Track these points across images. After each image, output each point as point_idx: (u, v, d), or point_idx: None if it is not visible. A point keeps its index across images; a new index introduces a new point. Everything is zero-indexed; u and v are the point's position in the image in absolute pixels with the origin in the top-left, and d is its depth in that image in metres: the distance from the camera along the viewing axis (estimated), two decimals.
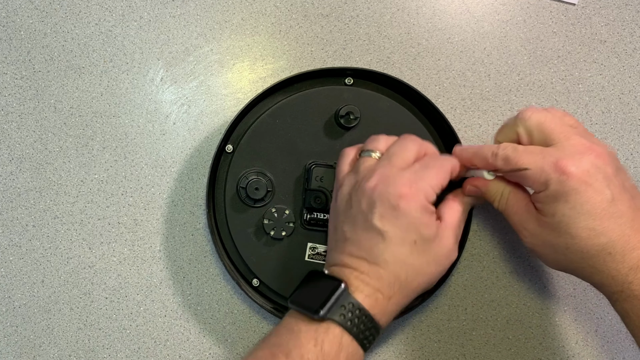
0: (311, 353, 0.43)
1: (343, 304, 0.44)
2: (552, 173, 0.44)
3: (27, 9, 0.59)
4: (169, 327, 0.58)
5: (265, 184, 0.55)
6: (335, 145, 0.56)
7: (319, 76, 0.57)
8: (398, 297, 0.46)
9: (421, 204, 0.46)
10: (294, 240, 0.56)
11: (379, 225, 0.46)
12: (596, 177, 0.44)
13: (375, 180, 0.47)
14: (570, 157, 0.44)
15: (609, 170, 0.45)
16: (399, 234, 0.45)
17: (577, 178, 0.44)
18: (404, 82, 0.56)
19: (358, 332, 0.44)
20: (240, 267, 0.56)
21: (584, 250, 0.45)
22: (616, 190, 0.44)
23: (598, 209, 0.44)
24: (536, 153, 0.46)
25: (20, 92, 0.59)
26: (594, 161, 0.44)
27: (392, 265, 0.46)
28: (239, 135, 0.56)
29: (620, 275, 0.44)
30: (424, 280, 0.48)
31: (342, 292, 0.45)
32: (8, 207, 0.58)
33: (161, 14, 0.59)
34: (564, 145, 0.45)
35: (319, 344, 0.43)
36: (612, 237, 0.44)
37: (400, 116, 0.56)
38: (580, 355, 0.60)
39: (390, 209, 0.45)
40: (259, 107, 0.57)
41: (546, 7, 0.61)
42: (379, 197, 0.46)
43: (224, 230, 0.56)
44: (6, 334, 0.58)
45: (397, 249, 0.46)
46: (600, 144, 0.46)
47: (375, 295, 0.45)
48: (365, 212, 0.46)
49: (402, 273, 0.46)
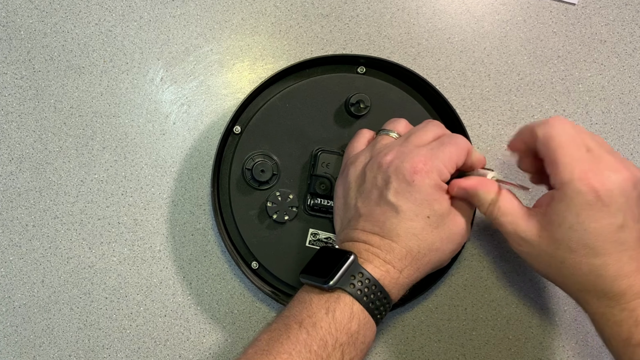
0: (323, 321, 0.44)
1: (353, 274, 0.45)
2: (576, 180, 0.43)
3: (27, 9, 0.59)
4: (169, 327, 0.59)
5: (271, 167, 0.55)
6: (343, 133, 0.56)
7: (332, 62, 0.57)
8: (410, 270, 0.47)
9: (435, 181, 0.46)
10: (296, 225, 0.56)
11: (393, 200, 0.46)
12: (617, 199, 0.42)
13: (392, 156, 0.48)
14: (601, 171, 0.43)
15: (634, 195, 0.43)
16: (412, 208, 0.46)
17: (596, 194, 0.42)
18: (416, 73, 0.56)
19: (368, 301, 0.45)
20: (240, 249, 0.56)
21: (576, 267, 0.44)
22: (631, 218, 0.43)
23: (606, 231, 0.43)
24: (580, 150, 0.44)
25: (20, 92, 0.59)
26: (622, 183, 0.43)
27: (405, 239, 0.46)
28: (248, 117, 0.56)
29: (605, 299, 0.44)
30: (436, 256, 0.48)
31: (352, 263, 0.45)
32: (8, 207, 0.58)
33: (161, 14, 0.59)
34: (598, 157, 0.44)
35: (330, 311, 0.44)
36: (607, 261, 0.43)
37: (410, 108, 0.56)
38: (580, 355, 0.60)
39: (405, 184, 0.46)
40: (269, 90, 0.57)
41: (546, 7, 0.61)
42: (394, 172, 0.46)
43: (226, 211, 0.56)
44: (6, 333, 0.58)
45: (410, 223, 0.46)
46: (630, 167, 0.44)
47: (385, 267, 0.46)
48: (381, 187, 0.47)
49: (415, 247, 0.46)
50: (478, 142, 0.60)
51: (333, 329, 0.44)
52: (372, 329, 0.46)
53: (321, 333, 0.44)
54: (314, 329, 0.44)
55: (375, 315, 0.46)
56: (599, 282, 0.44)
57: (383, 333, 0.59)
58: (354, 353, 0.45)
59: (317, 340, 0.43)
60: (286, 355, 0.43)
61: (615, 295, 0.44)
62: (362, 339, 0.45)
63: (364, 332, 0.45)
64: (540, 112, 0.60)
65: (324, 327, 0.44)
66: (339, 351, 0.44)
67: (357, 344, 0.45)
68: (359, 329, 0.45)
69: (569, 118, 0.60)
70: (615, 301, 0.44)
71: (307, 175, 0.56)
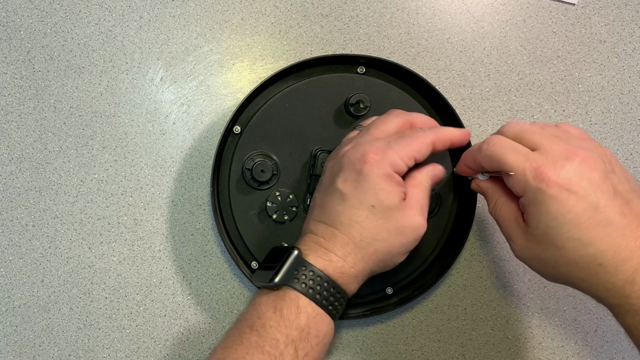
0: (272, 319, 0.44)
1: (297, 268, 0.45)
2: (531, 180, 0.42)
3: (27, 9, 0.59)
4: (168, 327, 0.59)
5: (270, 167, 0.55)
6: (343, 133, 0.56)
7: (332, 62, 0.57)
8: (354, 258, 0.46)
9: (384, 171, 0.46)
10: (295, 225, 0.56)
11: (340, 187, 0.46)
12: (580, 184, 0.41)
13: (349, 147, 0.48)
14: (551, 163, 0.42)
15: (596, 175, 0.42)
16: (357, 195, 0.46)
17: (557, 186, 0.41)
18: (416, 73, 0.56)
19: (315, 293, 0.45)
20: (240, 249, 0.56)
21: (572, 263, 0.43)
22: (604, 196, 0.41)
23: (582, 217, 0.41)
24: (522, 154, 0.44)
25: (20, 92, 0.59)
26: (578, 167, 0.42)
27: (347, 226, 0.46)
28: (248, 117, 0.56)
29: (616, 288, 0.42)
30: (383, 247, 0.46)
31: (296, 257, 0.46)
32: (8, 207, 0.58)
33: (161, 14, 0.59)
34: (547, 150, 0.43)
35: (278, 310, 0.44)
36: (600, 247, 0.41)
37: (410, 108, 0.56)
38: (580, 355, 0.59)
39: (353, 172, 0.46)
40: (269, 90, 0.57)
41: (546, 7, 0.61)
42: (347, 161, 0.47)
43: (226, 211, 0.56)
44: (6, 333, 0.58)
45: (353, 210, 0.46)
46: (587, 148, 0.43)
47: (328, 255, 0.46)
48: (333, 176, 0.47)
49: (356, 234, 0.46)
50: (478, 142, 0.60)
51: (282, 327, 0.44)
52: (324, 322, 0.45)
53: (271, 332, 0.43)
54: (264, 330, 0.44)
55: (326, 307, 0.45)
56: (602, 271, 0.42)
57: (383, 333, 0.59)
58: (308, 348, 0.44)
59: (268, 340, 0.43)
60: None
61: (625, 282, 0.42)
62: (314, 333, 0.45)
63: (316, 326, 0.45)
64: (540, 112, 0.60)
65: (273, 326, 0.44)
66: (291, 347, 0.43)
67: (310, 338, 0.44)
68: (309, 323, 0.44)
69: (569, 118, 0.60)
70: (628, 289, 0.42)
71: (307, 175, 0.56)
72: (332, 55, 0.56)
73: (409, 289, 0.57)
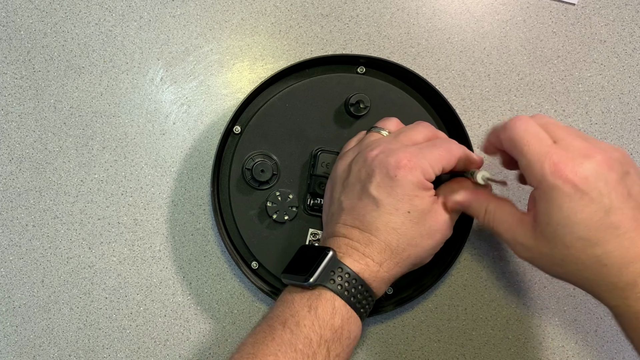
0: (306, 319, 0.44)
1: (332, 269, 0.45)
2: (548, 175, 0.42)
3: (27, 9, 0.59)
4: (169, 327, 0.59)
5: (271, 167, 0.55)
6: (343, 133, 0.56)
7: (332, 62, 0.57)
8: (389, 264, 0.47)
9: (417, 178, 0.46)
10: (295, 225, 0.56)
11: (374, 193, 0.46)
12: (595, 185, 0.41)
13: (378, 151, 0.48)
14: (570, 160, 0.42)
15: (613, 176, 0.41)
16: (393, 202, 0.46)
17: (572, 184, 0.41)
18: (416, 73, 0.56)
19: (350, 296, 0.45)
20: (240, 249, 0.56)
21: (578, 262, 0.43)
22: (617, 199, 0.41)
23: (593, 219, 0.41)
24: (544, 144, 0.43)
25: (20, 92, 0.59)
26: (596, 167, 0.41)
27: (384, 232, 0.46)
28: (248, 117, 0.56)
29: (617, 290, 0.42)
30: (416, 252, 0.48)
31: (331, 258, 0.46)
32: (8, 207, 0.58)
33: (161, 14, 0.59)
34: (567, 145, 0.43)
35: (312, 309, 0.44)
36: (607, 249, 0.42)
37: (410, 108, 0.56)
38: (580, 355, 0.60)
39: (387, 178, 0.46)
40: (269, 91, 0.57)
41: (546, 7, 0.61)
42: (378, 166, 0.47)
43: (226, 211, 0.56)
44: (6, 333, 0.58)
45: (389, 217, 0.46)
46: (606, 148, 0.43)
47: (364, 260, 0.46)
48: (364, 181, 0.47)
49: (393, 241, 0.46)
50: (478, 142, 0.60)
51: (317, 326, 0.44)
52: (356, 324, 0.46)
53: (305, 331, 0.44)
54: (297, 328, 0.44)
55: (358, 310, 0.46)
56: (606, 272, 0.42)
57: (383, 333, 0.59)
58: (340, 349, 0.45)
59: (302, 338, 0.43)
60: (272, 357, 0.43)
61: (627, 284, 0.42)
62: (347, 335, 0.45)
63: (348, 327, 0.45)
64: (540, 112, 0.60)
65: (307, 325, 0.44)
66: (324, 348, 0.44)
67: (342, 340, 0.45)
68: (343, 324, 0.45)
69: (569, 118, 0.60)
70: (628, 291, 0.42)
71: (307, 175, 0.56)
72: (332, 55, 0.56)
73: (409, 289, 0.57)
